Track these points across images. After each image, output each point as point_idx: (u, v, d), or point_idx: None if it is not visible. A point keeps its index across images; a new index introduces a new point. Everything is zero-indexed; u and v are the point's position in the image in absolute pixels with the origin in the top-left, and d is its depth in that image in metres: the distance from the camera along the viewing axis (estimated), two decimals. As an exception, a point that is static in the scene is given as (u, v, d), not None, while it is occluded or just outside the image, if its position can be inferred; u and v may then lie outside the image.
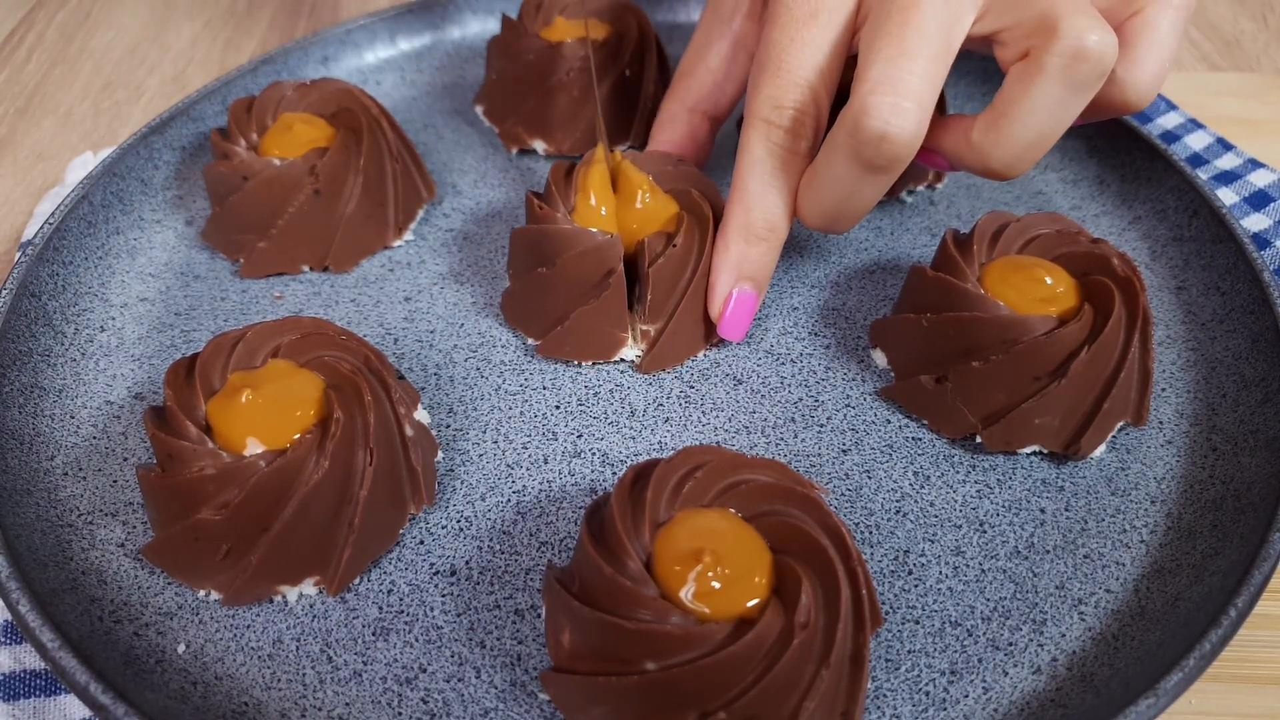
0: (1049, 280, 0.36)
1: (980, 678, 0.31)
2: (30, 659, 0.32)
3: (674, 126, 0.44)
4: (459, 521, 0.35)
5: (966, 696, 0.31)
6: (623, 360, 0.41)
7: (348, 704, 0.31)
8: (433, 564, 0.34)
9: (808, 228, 0.39)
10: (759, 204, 0.37)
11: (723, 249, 0.38)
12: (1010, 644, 0.32)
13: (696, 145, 0.45)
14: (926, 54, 0.33)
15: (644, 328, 0.40)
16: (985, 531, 0.35)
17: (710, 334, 0.41)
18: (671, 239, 0.38)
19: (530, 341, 0.42)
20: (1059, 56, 0.32)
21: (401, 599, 0.33)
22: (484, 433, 0.38)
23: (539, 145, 0.51)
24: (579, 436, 0.38)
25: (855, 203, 0.36)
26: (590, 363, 0.41)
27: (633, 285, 0.40)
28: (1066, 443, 0.36)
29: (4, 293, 0.39)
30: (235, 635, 0.32)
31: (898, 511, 0.36)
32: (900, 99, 0.32)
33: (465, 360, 0.41)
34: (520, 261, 0.41)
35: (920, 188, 0.49)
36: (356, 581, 0.34)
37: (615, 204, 0.40)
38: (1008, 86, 0.34)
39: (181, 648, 0.32)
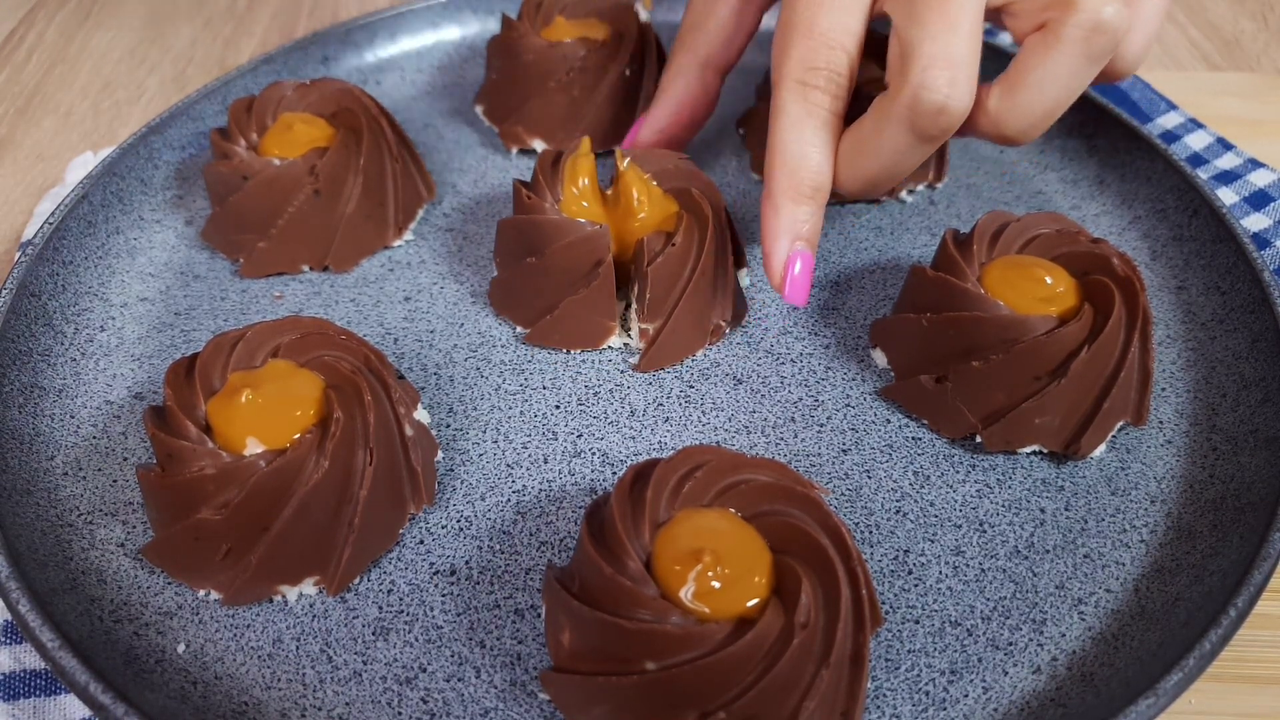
0: (1049, 280, 0.36)
1: (980, 677, 0.31)
2: (30, 659, 0.32)
3: (686, 80, 0.45)
4: (459, 521, 0.35)
5: (966, 696, 0.31)
6: (610, 348, 0.41)
7: (348, 704, 0.31)
8: (433, 564, 0.34)
9: (843, 193, 0.39)
10: (803, 164, 0.37)
11: (772, 213, 0.38)
12: (1010, 644, 0.32)
13: (708, 98, 0.45)
14: (968, 26, 0.34)
15: (643, 326, 0.40)
16: (985, 531, 0.35)
17: (715, 332, 0.41)
18: (670, 238, 0.38)
19: (519, 330, 0.42)
20: (1078, 28, 0.34)
21: (401, 599, 0.33)
22: (484, 433, 0.38)
23: (539, 145, 0.51)
24: (579, 436, 0.38)
25: (901, 169, 0.37)
26: (578, 350, 0.41)
27: (630, 284, 0.40)
28: (1066, 442, 0.36)
29: (4, 293, 0.39)
30: (235, 635, 0.32)
31: (898, 511, 0.36)
32: (955, 72, 0.34)
33: (465, 360, 0.41)
34: (508, 251, 0.42)
35: (920, 187, 0.49)
36: (356, 581, 0.34)
37: (600, 195, 0.40)
38: (1024, 56, 0.35)
39: (181, 648, 0.32)
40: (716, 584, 0.27)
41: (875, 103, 0.36)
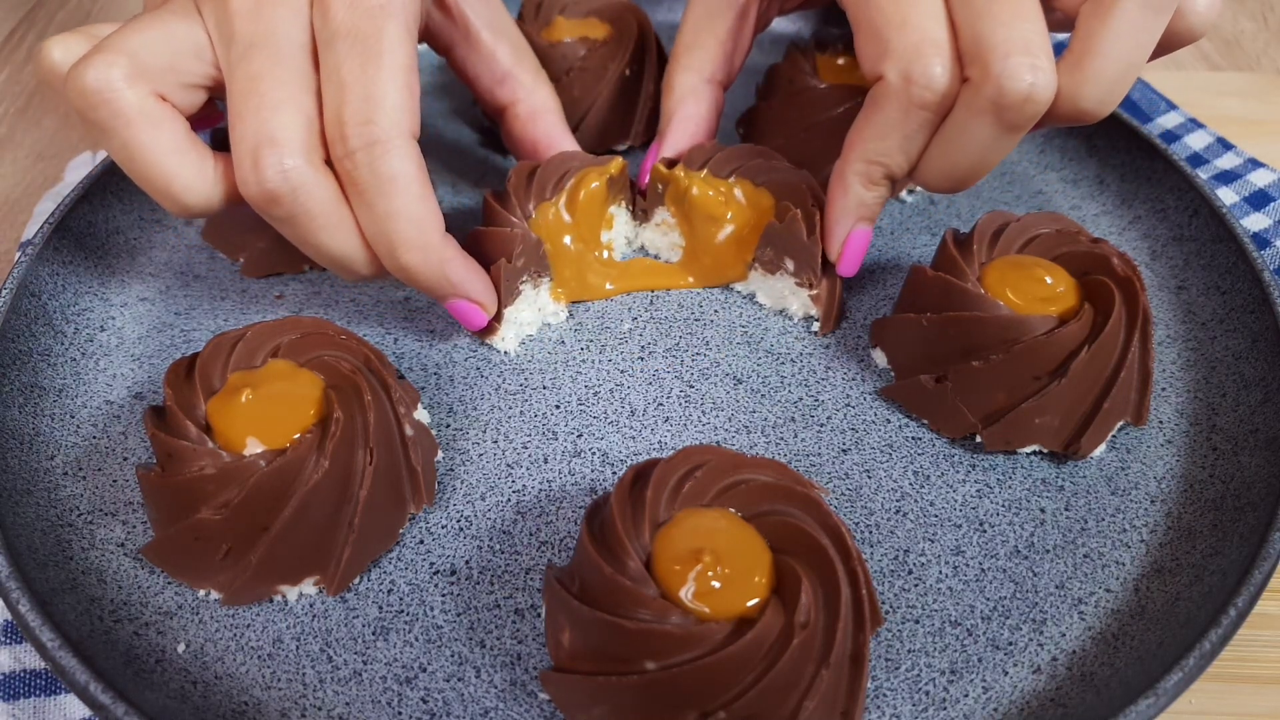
0: (1049, 280, 0.36)
1: (980, 677, 0.31)
2: (30, 659, 0.32)
3: (697, 100, 0.44)
4: (459, 521, 0.35)
5: (966, 696, 0.31)
6: (607, 349, 0.41)
7: (348, 703, 0.31)
8: (433, 564, 0.34)
9: (930, 190, 0.39)
10: (884, 155, 0.37)
11: (841, 193, 0.39)
12: (1010, 644, 0.32)
13: (716, 114, 0.45)
14: (1034, 10, 0.34)
15: (812, 294, 0.41)
16: (985, 531, 0.35)
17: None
18: (789, 211, 0.40)
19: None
20: None
21: (401, 599, 0.33)
22: (484, 433, 0.38)
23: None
24: (579, 436, 0.38)
25: (989, 162, 0.36)
26: (481, 340, 0.42)
27: (775, 266, 0.42)
28: (1066, 442, 0.36)
29: (4, 293, 0.39)
30: (235, 635, 0.32)
31: (898, 511, 0.36)
32: (1035, 58, 0.33)
33: (465, 360, 0.41)
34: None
35: (920, 187, 0.49)
36: (356, 581, 0.34)
37: (600, 211, 0.41)
38: (1084, 24, 0.34)
39: (181, 647, 0.32)
40: (716, 584, 0.27)
41: (959, 99, 0.35)
